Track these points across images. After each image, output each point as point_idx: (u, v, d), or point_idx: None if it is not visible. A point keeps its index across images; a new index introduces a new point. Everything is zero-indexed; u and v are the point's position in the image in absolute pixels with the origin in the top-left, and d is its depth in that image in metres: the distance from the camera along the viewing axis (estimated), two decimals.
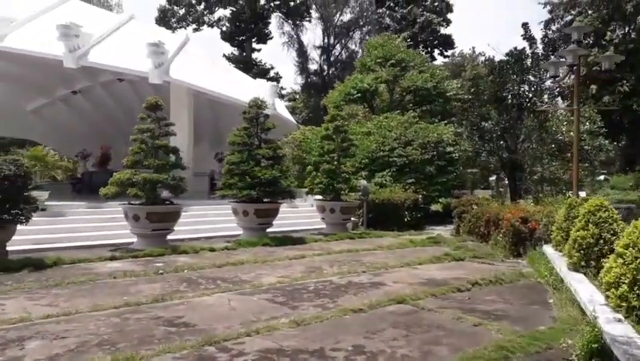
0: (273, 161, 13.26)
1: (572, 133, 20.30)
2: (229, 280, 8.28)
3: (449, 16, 45.66)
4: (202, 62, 20.39)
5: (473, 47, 46.56)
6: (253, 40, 52.57)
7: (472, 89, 16.80)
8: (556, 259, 8.55)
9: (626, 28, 37.04)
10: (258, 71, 50.41)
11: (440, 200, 19.98)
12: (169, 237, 11.95)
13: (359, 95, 22.35)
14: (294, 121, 23.87)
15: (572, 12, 34.28)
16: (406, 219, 16.73)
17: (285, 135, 23.65)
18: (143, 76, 16.65)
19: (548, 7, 37.23)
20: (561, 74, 11.81)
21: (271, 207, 13.18)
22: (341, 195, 15.53)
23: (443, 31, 45.85)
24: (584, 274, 7.17)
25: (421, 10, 45.01)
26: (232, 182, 12.71)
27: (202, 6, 52.89)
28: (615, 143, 31.83)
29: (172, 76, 16.67)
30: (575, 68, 10.62)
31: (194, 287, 7.76)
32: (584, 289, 6.29)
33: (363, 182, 16.61)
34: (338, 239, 13.91)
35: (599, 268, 7.10)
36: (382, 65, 21.73)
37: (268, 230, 13.50)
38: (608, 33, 36.91)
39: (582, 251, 7.29)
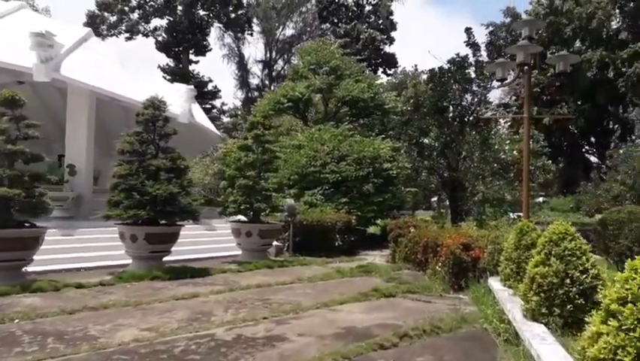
0: (174, 174, 10.94)
1: (515, 152, 19.21)
2: (68, 337, 5.90)
3: (393, 34, 45.05)
4: (109, 62, 17.80)
5: (415, 65, 46.08)
6: (190, 51, 49.99)
7: (412, 100, 15.24)
8: (507, 300, 6.72)
9: (565, 52, 37.43)
10: (196, 83, 47.77)
11: (377, 222, 18.20)
12: (30, 268, 9.37)
13: (290, 104, 20.42)
14: (217, 132, 21.59)
15: (514, 34, 34.15)
16: (337, 244, 14.75)
17: (215, 149, 21.36)
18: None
19: (490, 28, 37.19)
20: (510, 78, 10.26)
21: (167, 231, 10.79)
22: (261, 215, 13.37)
23: (387, 49, 45.12)
24: (546, 324, 5.35)
25: (365, 26, 44.11)
26: (117, 199, 10.27)
27: (136, 14, 49.90)
28: (554, 165, 31.47)
29: (65, 74, 14.07)
30: (526, 67, 9.05)
31: (2, 350, 5.34)
32: (552, 355, 4.40)
33: (290, 201, 14.54)
34: (253, 269, 11.68)
35: (565, 318, 5.32)
36: (316, 72, 19.95)
37: (166, 258, 11.10)
38: (549, 55, 37.22)
39: (543, 294, 5.47)
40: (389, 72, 41.34)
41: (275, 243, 13.97)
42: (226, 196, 13.02)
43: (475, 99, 14.72)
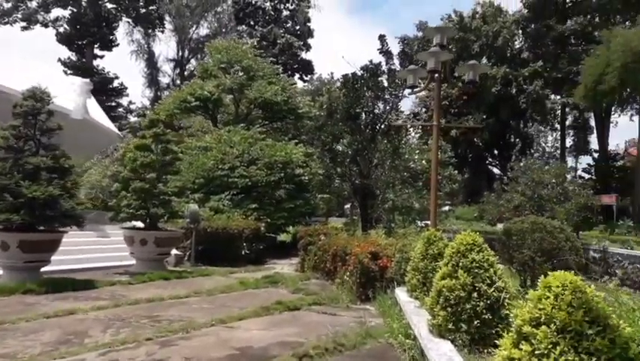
0: (57, 174, 9.64)
1: (424, 162, 19.48)
2: None
3: (310, 41, 45.05)
4: None
5: (332, 73, 46.35)
6: (95, 45, 46.82)
7: (325, 106, 14.88)
8: (414, 313, 6.37)
9: (471, 73, 39.31)
10: (100, 79, 44.81)
11: (288, 229, 17.63)
12: None
13: (199, 103, 19.33)
14: (116, 130, 19.99)
15: (425, 48, 35.30)
16: (244, 252, 13.96)
17: (117, 149, 19.70)
18: None
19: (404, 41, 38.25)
20: (421, 86, 10.12)
21: (46, 239, 9.47)
22: (159, 222, 12.29)
23: (304, 56, 44.99)
24: (453, 340, 5.00)
25: (282, 31, 43.68)
26: None
27: (35, 2, 45.94)
28: (460, 175, 32.76)
29: None
30: (437, 75, 8.89)
31: None
32: None
33: (193, 206, 13.55)
34: (146, 281, 10.60)
35: (472, 334, 5.00)
36: (227, 72, 19.07)
37: (45, 269, 9.77)
38: (457, 68, 38.89)
39: (450, 308, 5.12)
40: (305, 78, 41.23)
41: (174, 252, 12.92)
42: (118, 200, 11.80)
43: (387, 107, 14.63)
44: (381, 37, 14.24)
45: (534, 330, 3.00)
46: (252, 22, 44.49)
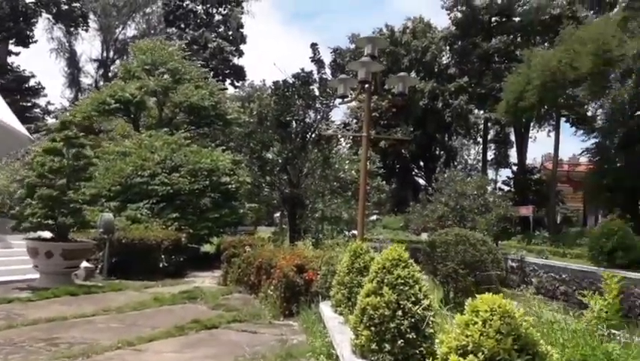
0: None
1: (354, 172, 19.48)
2: None
3: (243, 47, 44.33)
4: None
5: (264, 80, 45.80)
6: (10, 41, 43.52)
7: (255, 112, 14.43)
8: (337, 330, 6.05)
9: (401, 85, 40.33)
10: (14, 78, 41.71)
11: (212, 240, 16.92)
12: None
13: (119, 106, 18.18)
14: (26, 132, 18.44)
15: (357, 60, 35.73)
16: (162, 265, 13.14)
17: (28, 152, 18.11)
18: None
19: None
20: (351, 95, 9.95)
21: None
22: (69, 232, 11.28)
23: (236, 61, 44.16)
24: None
25: (213, 36, 42.68)
26: None
27: None
28: (388, 185, 33.32)
29: None
30: (367, 85, 8.72)
31: None
32: None
33: (107, 215, 12.58)
34: (50, 297, 9.62)
35: (395, 355, 4.72)
36: (151, 73, 18.11)
37: None
38: (387, 80, 39.71)
39: (374, 328, 4.84)
40: (237, 85, 40.50)
41: (85, 264, 11.91)
42: (22, 208, 10.70)
43: (318, 116, 14.41)
44: (313, 46, 14.04)
45: (461, 359, 2.75)
46: (182, 25, 43.11)
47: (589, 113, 31.95)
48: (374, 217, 30.85)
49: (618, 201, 24.31)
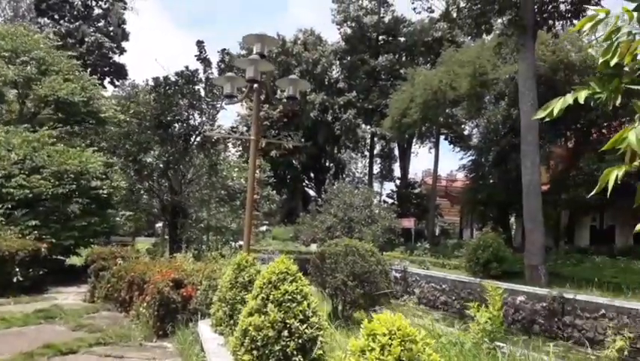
0: None
1: (242, 180, 18.74)
2: None
3: (125, 45, 41.43)
4: None
5: (147, 79, 43.27)
6: None
7: (133, 111, 13.13)
8: (215, 353, 5.35)
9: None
10: None
11: (80, 251, 15.12)
12: None
13: None
14: None
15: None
16: (16, 279, 11.34)
17: None
18: None
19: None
20: (239, 96, 9.25)
21: None
22: None
23: (117, 59, 41.14)
24: None
25: (92, 30, 39.43)
26: None
27: None
28: (278, 195, 32.91)
29: None
30: (256, 85, 8.11)
31: None
32: None
33: None
34: None
35: None
36: (11, 62, 15.82)
37: None
38: (279, 92, 39.45)
39: (256, 351, 4.24)
40: (117, 83, 37.68)
41: None
42: None
43: (204, 118, 13.51)
44: (199, 43, 13.08)
45: None
46: (56, 17, 39.27)
47: (465, 132, 34.30)
48: (264, 228, 30.25)
49: (491, 215, 26.15)
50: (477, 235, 32.67)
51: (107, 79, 39.66)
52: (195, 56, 13.16)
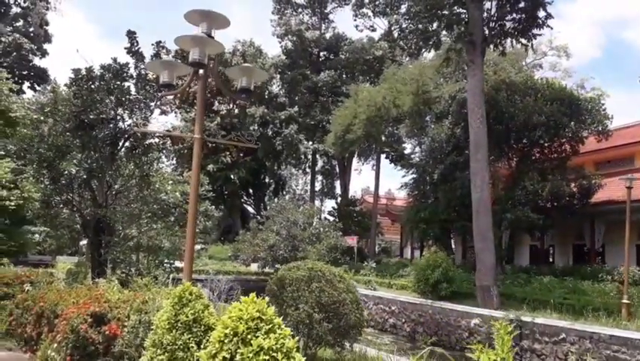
0: None
1: (178, 194, 17.00)
2: None
3: (48, 47, 38.18)
4: None
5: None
6: None
7: (48, 109, 11.22)
8: None
9: (231, 105, 38.80)
10: None
11: None
12: None
13: None
14: None
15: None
16: None
17: None
18: None
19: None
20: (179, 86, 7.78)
21: None
22: None
23: (38, 62, 37.80)
24: None
25: (9, 29, 36.02)
26: None
27: None
28: (217, 211, 31.07)
29: None
30: (201, 71, 6.71)
31: None
32: None
33: None
34: None
35: None
36: None
37: None
38: (216, 103, 37.74)
39: None
40: (38, 88, 34.43)
41: None
42: None
43: (135, 119, 11.83)
44: (131, 34, 11.43)
45: None
46: None
47: (407, 151, 34.13)
48: (199, 246, 28.27)
49: (432, 234, 25.72)
50: (419, 254, 32.32)
51: (27, 83, 36.28)
52: (125, 48, 11.47)
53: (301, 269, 6.79)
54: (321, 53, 40.84)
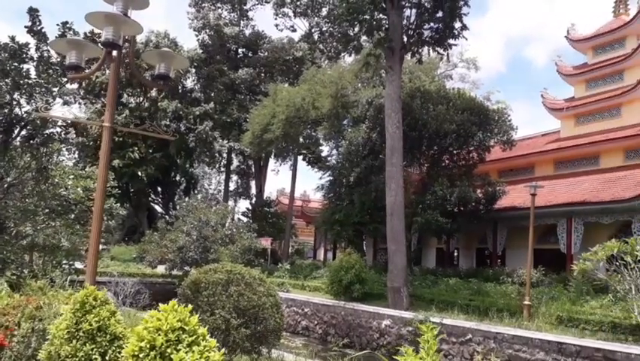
0: None
1: (79, 190, 15.78)
2: None
3: None
4: None
5: None
6: None
7: None
8: None
9: (141, 98, 36.93)
10: None
11: None
12: None
13: None
14: None
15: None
16: None
17: None
18: None
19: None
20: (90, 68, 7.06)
21: None
22: None
23: None
24: None
25: None
26: None
27: None
28: (123, 209, 29.27)
29: None
30: (115, 53, 6.13)
31: None
32: None
33: None
34: None
35: None
36: None
37: None
38: (125, 95, 35.65)
39: None
40: None
41: None
42: None
43: (35, 105, 10.72)
44: (32, 12, 10.30)
45: None
46: None
47: (324, 153, 34.36)
48: (101, 247, 26.45)
49: (347, 235, 26.04)
50: (332, 255, 32.61)
51: None
52: (26, 27, 10.31)
53: (219, 272, 6.40)
54: (240, 50, 40.02)
